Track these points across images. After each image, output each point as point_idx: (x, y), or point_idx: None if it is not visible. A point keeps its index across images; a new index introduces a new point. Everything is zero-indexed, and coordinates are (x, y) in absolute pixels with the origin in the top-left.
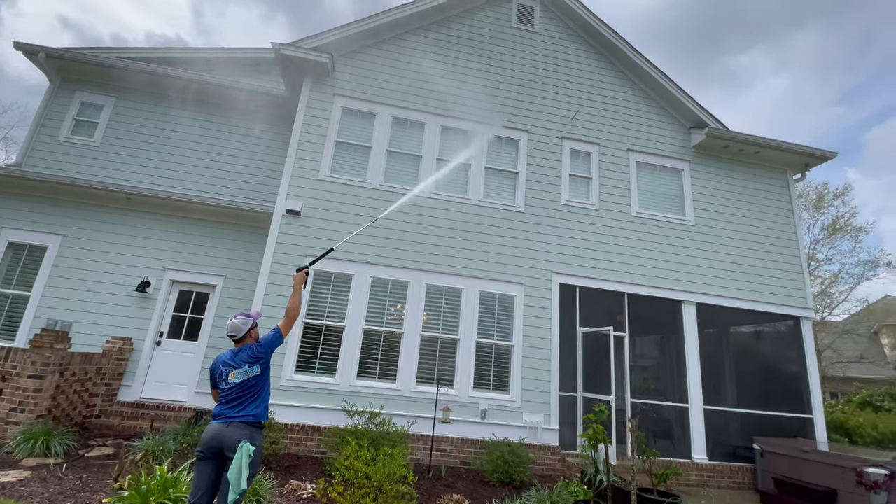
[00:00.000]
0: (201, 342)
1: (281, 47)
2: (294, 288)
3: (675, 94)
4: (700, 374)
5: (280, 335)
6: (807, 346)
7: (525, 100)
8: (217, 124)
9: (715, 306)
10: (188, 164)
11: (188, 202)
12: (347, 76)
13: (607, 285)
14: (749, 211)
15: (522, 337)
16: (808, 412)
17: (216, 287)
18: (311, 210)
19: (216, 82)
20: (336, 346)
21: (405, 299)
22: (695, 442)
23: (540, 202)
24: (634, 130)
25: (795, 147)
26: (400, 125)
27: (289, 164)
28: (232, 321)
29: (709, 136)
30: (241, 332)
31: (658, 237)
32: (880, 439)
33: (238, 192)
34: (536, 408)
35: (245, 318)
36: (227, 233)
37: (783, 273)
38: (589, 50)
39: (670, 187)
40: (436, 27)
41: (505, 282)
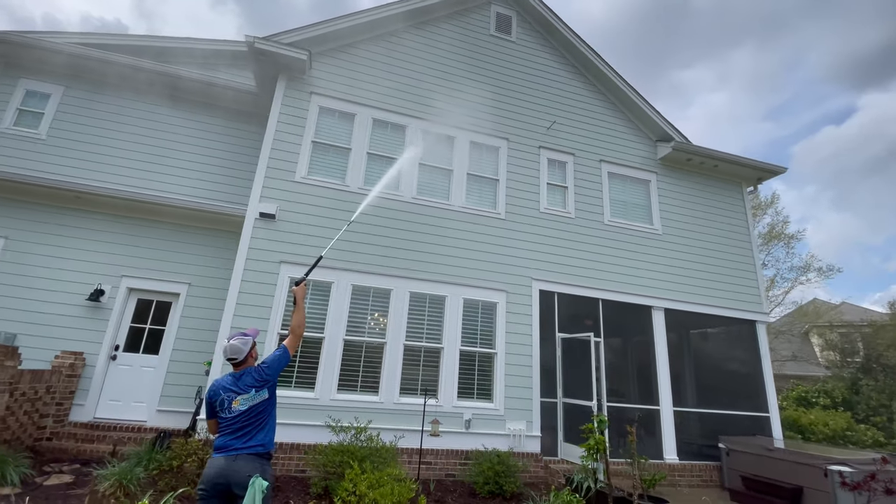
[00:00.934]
0: (163, 356)
1: (255, 41)
2: (297, 303)
3: (644, 109)
4: (669, 377)
5: (287, 354)
6: (762, 349)
7: (504, 108)
8: (181, 120)
9: (680, 311)
10: (148, 162)
11: (148, 203)
12: (325, 74)
13: (584, 291)
14: (709, 221)
15: (505, 344)
16: (765, 411)
17: (179, 295)
18: (287, 213)
19: (180, 74)
20: (315, 358)
21: (388, 308)
22: (666, 443)
23: (520, 209)
24: (606, 142)
25: (750, 162)
26: (381, 127)
27: (262, 164)
28: (231, 343)
29: (675, 150)
30: (242, 354)
31: (629, 245)
32: (831, 436)
33: (204, 193)
34: (519, 415)
35: (244, 338)
36: (191, 237)
37: (740, 279)
38: (562, 61)
39: (639, 197)
40: (416, 30)
41: (488, 289)
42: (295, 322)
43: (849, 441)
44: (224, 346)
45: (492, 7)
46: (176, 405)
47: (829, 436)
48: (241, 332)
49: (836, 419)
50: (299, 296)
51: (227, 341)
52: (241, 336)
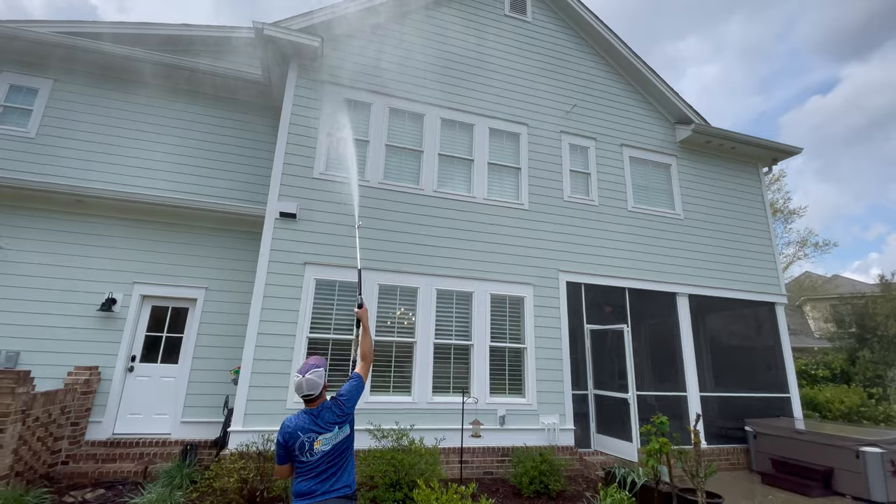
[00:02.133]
0: (183, 365)
1: (264, 27)
2: (363, 327)
3: (662, 90)
4: (695, 363)
5: (363, 383)
6: (781, 330)
7: (522, 92)
8: (186, 113)
9: (703, 296)
10: (150, 160)
11: (158, 205)
12: (337, 61)
13: (610, 281)
14: (728, 203)
15: (534, 338)
16: (786, 391)
17: (196, 301)
18: (308, 212)
19: (182, 64)
20: (345, 360)
21: (415, 306)
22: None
23: (543, 199)
24: (626, 125)
25: (767, 143)
26: (398, 117)
27: (278, 160)
28: (306, 377)
29: (695, 132)
30: (318, 389)
31: (652, 231)
32: (847, 412)
33: (217, 192)
34: (552, 409)
35: (318, 370)
36: (206, 239)
37: (758, 261)
38: (579, 41)
39: (660, 182)
40: (427, 11)
41: (514, 283)
42: (365, 347)
43: (863, 416)
44: (298, 383)
45: None
46: (201, 415)
47: (844, 412)
48: (311, 364)
49: (850, 396)
50: (364, 319)
51: (301, 376)
52: (314, 368)
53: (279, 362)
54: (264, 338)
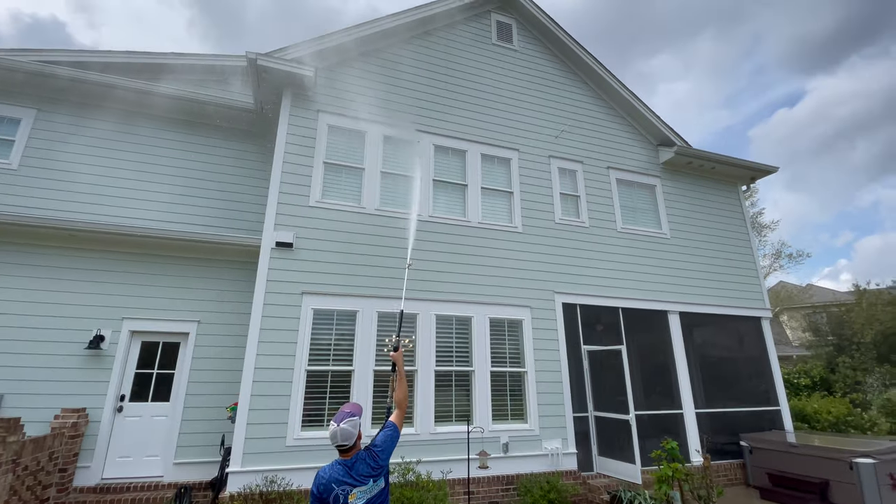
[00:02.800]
0: (175, 403)
1: (258, 57)
2: (398, 371)
3: (644, 113)
4: (689, 380)
5: (398, 433)
6: (768, 344)
7: (512, 118)
8: (175, 143)
9: (693, 313)
10: (142, 191)
11: (146, 237)
12: (331, 90)
13: (604, 301)
14: (711, 221)
15: (534, 361)
16: (776, 404)
17: (188, 335)
18: (304, 241)
19: (168, 92)
20: (345, 392)
21: (415, 333)
22: (691, 445)
23: (536, 221)
24: (611, 148)
25: (745, 163)
26: (391, 144)
27: (273, 189)
28: (341, 427)
29: (677, 154)
30: (353, 439)
31: (641, 251)
32: (835, 422)
33: (210, 222)
34: (554, 433)
35: (353, 419)
36: (198, 270)
37: (743, 277)
38: (563, 68)
39: (646, 203)
40: (419, 41)
41: (512, 305)
42: (400, 394)
43: (850, 426)
44: (332, 432)
45: (492, 16)
46: (195, 455)
47: (832, 422)
48: (347, 412)
49: (836, 406)
50: (399, 362)
51: (336, 425)
52: (349, 417)
53: (278, 397)
54: (262, 372)
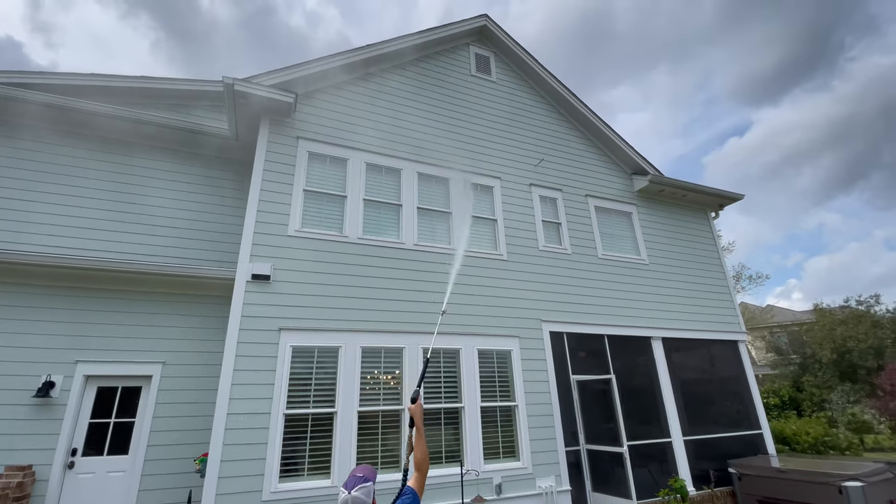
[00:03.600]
0: (134, 455)
1: (235, 83)
2: (417, 427)
3: (618, 143)
4: (675, 407)
5: (418, 501)
6: (746, 366)
7: (493, 147)
8: (142, 169)
9: (675, 339)
10: (101, 220)
11: (104, 270)
12: (311, 118)
13: (590, 329)
14: (685, 247)
15: (524, 394)
16: (758, 428)
17: (152, 378)
18: (282, 272)
19: (139, 118)
20: (328, 437)
21: (401, 367)
22: (682, 474)
23: (520, 249)
24: (589, 176)
25: (714, 190)
26: (375, 171)
27: (250, 218)
28: (353, 495)
29: (651, 182)
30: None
31: (623, 277)
32: (813, 443)
33: (178, 253)
34: (547, 470)
35: (366, 485)
36: (163, 306)
37: (718, 301)
38: (539, 99)
39: (624, 229)
40: (401, 70)
41: (501, 336)
42: (420, 455)
43: (828, 446)
44: (343, 500)
45: (470, 48)
46: None
47: (811, 443)
48: (357, 477)
49: (814, 427)
50: (418, 417)
51: (347, 492)
52: (361, 484)
53: (253, 446)
54: (236, 418)
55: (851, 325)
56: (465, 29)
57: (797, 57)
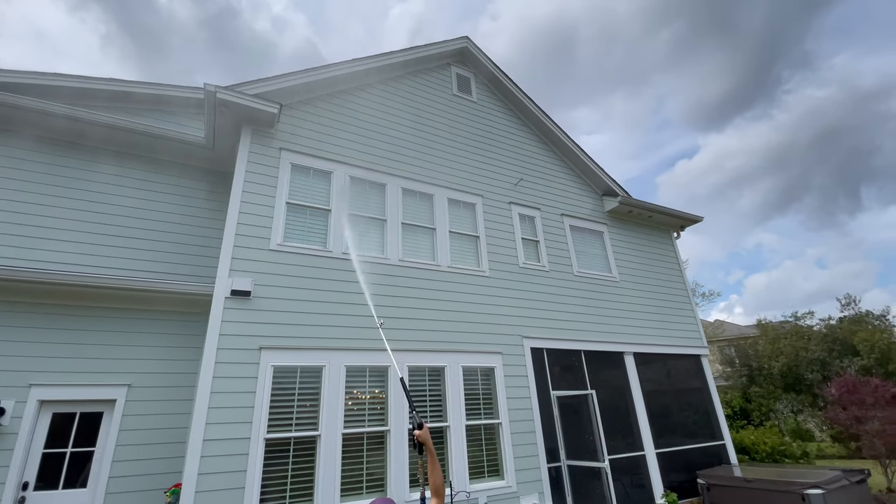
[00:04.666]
0: (95, 488)
1: (218, 90)
2: (430, 452)
3: (590, 166)
4: (648, 421)
5: None
6: (709, 380)
7: (475, 165)
8: (107, 176)
9: (644, 353)
10: (61, 230)
11: (63, 284)
12: (294, 129)
13: (568, 345)
14: (652, 265)
15: (508, 411)
16: (720, 438)
17: (115, 402)
18: (264, 288)
19: (104, 122)
20: (311, 461)
21: (386, 388)
22: (655, 486)
23: (502, 266)
24: (564, 197)
25: (676, 212)
26: (359, 185)
27: (230, 231)
28: None
29: (621, 203)
30: None
31: (596, 293)
32: (770, 452)
33: (146, 266)
34: (531, 488)
35: None
36: (130, 324)
37: (683, 317)
38: (518, 121)
39: (596, 248)
40: (385, 86)
41: (484, 352)
42: (436, 480)
43: (784, 455)
44: None
45: (451, 68)
46: None
47: (769, 452)
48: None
49: (770, 437)
50: (429, 442)
51: None
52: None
53: (231, 474)
54: (212, 444)
55: (795, 339)
56: (446, 49)
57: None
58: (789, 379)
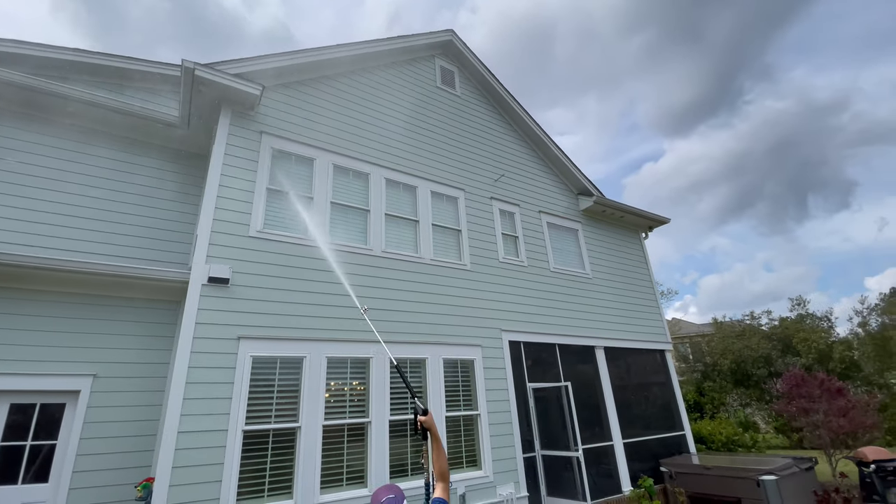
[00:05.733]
0: (57, 483)
1: (196, 67)
2: (435, 438)
3: (568, 166)
4: (616, 412)
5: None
6: (672, 374)
7: (458, 159)
8: (68, 153)
9: (615, 348)
10: (18, 210)
11: (20, 266)
12: (276, 112)
13: (543, 338)
14: (623, 264)
15: (486, 402)
16: (681, 429)
17: (79, 394)
18: (242, 276)
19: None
20: (290, 453)
21: (367, 379)
22: (622, 474)
23: (482, 260)
24: (542, 194)
25: (646, 213)
26: (342, 174)
27: (206, 217)
28: None
29: (596, 203)
30: None
31: (571, 289)
32: (725, 442)
33: (113, 251)
34: (507, 478)
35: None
36: (95, 311)
37: (649, 314)
38: (499, 117)
39: (571, 245)
40: (370, 74)
41: (464, 345)
42: (443, 465)
43: (737, 444)
44: None
45: (436, 61)
46: None
47: (724, 442)
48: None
49: (725, 428)
50: (433, 428)
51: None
52: (398, 497)
53: (208, 467)
54: (188, 437)
55: (746, 337)
56: (432, 41)
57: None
58: (738, 375)
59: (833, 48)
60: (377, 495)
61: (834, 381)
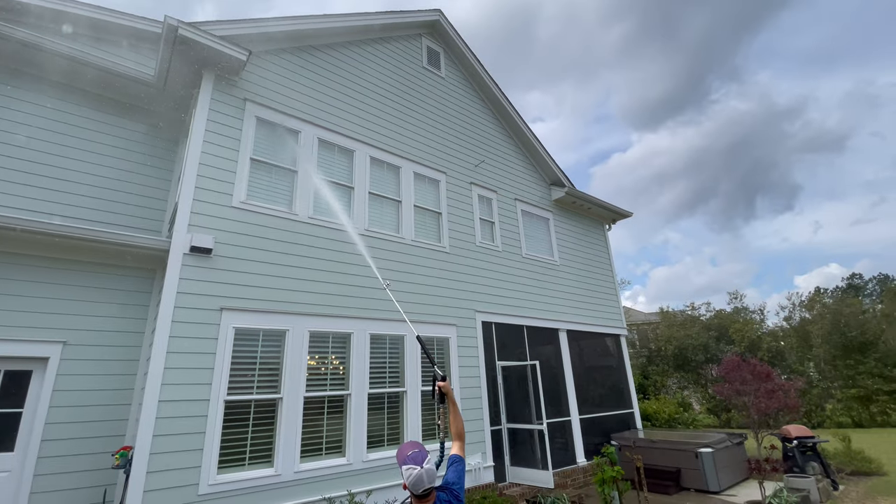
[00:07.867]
0: (24, 452)
1: (179, 26)
2: (452, 402)
3: (543, 155)
4: (575, 390)
5: (465, 464)
6: (625, 357)
7: (440, 142)
8: (34, 107)
9: (576, 331)
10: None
11: None
12: (262, 80)
13: (513, 320)
14: (587, 253)
15: (459, 378)
16: (630, 408)
17: (48, 361)
18: (225, 247)
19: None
20: (271, 424)
21: (348, 353)
22: (577, 448)
23: (460, 243)
24: (517, 182)
25: (611, 206)
26: (327, 149)
27: (188, 184)
28: (425, 468)
29: (567, 194)
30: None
31: (540, 275)
32: (668, 419)
33: (80, 214)
34: (475, 448)
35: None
36: (65, 276)
37: (608, 301)
38: (480, 103)
39: (542, 233)
40: (357, 48)
41: (441, 324)
42: (459, 426)
43: (678, 422)
44: (417, 476)
45: (422, 40)
46: None
47: (666, 419)
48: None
49: (668, 407)
50: (450, 393)
51: (419, 467)
52: (426, 457)
53: (189, 436)
54: (169, 406)
55: (688, 327)
56: (419, 20)
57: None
58: (679, 360)
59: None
60: (403, 450)
61: (764, 367)
